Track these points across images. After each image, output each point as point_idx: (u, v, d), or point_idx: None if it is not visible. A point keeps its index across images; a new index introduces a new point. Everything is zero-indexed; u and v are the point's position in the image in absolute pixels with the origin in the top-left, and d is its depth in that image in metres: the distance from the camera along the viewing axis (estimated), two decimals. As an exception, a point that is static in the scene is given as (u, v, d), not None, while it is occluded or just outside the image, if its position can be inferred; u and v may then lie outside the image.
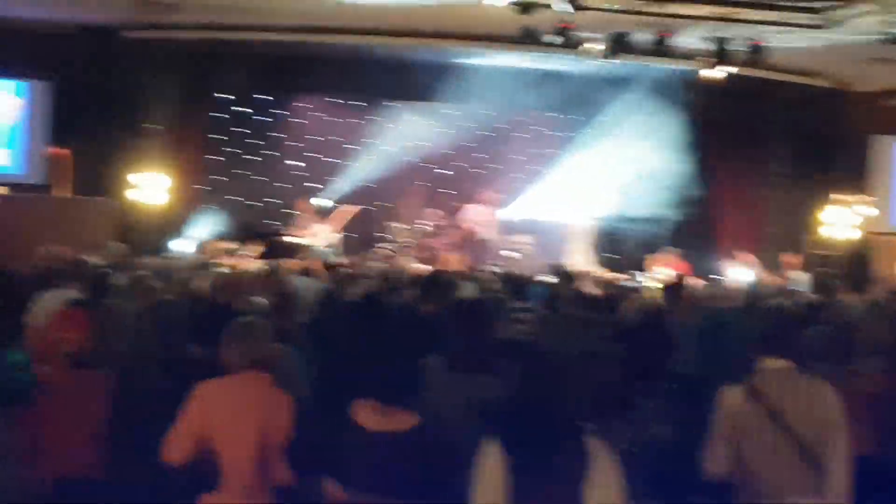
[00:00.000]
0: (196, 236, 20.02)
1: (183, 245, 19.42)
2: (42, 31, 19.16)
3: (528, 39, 15.73)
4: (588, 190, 21.88)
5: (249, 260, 16.54)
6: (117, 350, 7.00)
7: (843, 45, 17.73)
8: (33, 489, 6.40)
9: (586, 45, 16.57)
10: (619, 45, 15.70)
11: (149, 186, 20.31)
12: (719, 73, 16.91)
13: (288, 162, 22.17)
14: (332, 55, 20.66)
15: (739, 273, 19.33)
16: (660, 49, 16.05)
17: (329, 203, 20.95)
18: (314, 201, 20.57)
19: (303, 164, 22.16)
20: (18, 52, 19.13)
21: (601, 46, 16.16)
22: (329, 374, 7.48)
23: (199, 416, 5.77)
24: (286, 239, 19.46)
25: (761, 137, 22.66)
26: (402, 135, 21.75)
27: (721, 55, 16.15)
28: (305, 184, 21.62)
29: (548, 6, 15.13)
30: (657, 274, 18.38)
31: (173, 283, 11.08)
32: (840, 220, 21.52)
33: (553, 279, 13.33)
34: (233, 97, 21.74)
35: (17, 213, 18.19)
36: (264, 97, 21.99)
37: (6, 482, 6.15)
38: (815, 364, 6.38)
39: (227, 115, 21.92)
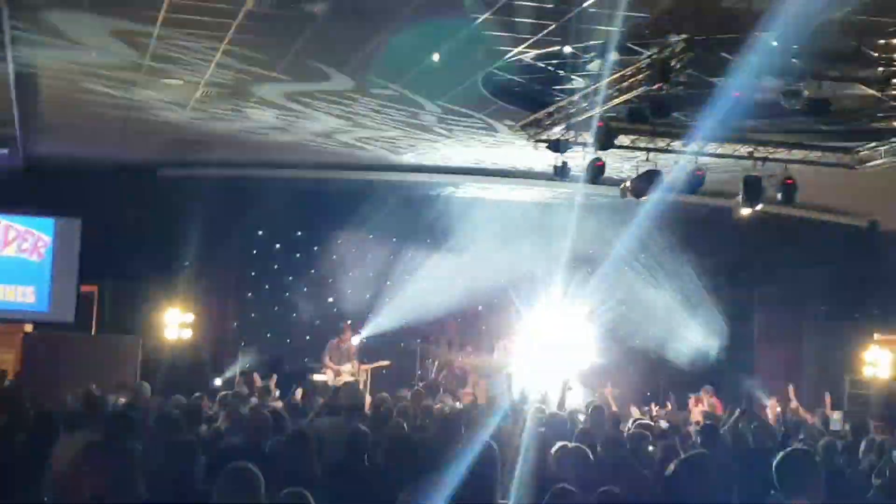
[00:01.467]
0: (225, 373, 19.88)
1: (212, 382, 19.27)
2: (74, 170, 19.36)
3: (560, 176, 15.74)
4: (624, 324, 21.78)
5: (276, 399, 16.32)
6: (138, 493, 6.81)
7: (874, 184, 17.73)
8: None
9: (620, 182, 16.55)
10: (652, 182, 15.65)
11: (178, 324, 20.26)
12: (752, 210, 16.82)
13: (319, 298, 22.08)
14: (364, 191, 20.75)
15: (776, 411, 19.02)
16: (692, 186, 16.00)
17: (361, 340, 20.81)
18: (345, 338, 20.41)
19: (334, 301, 22.05)
20: (48, 190, 19.30)
21: (633, 183, 16.12)
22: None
23: None
24: (315, 377, 19.29)
25: (797, 275, 22.54)
26: (434, 271, 21.68)
27: (754, 193, 16.09)
28: (336, 320, 21.46)
29: (581, 144, 15.18)
30: (695, 413, 18.10)
31: (200, 422, 10.90)
32: (882, 361, 21.20)
33: (588, 416, 13.09)
34: (265, 233, 21.77)
35: (43, 350, 18.18)
36: (296, 232, 22.02)
37: None
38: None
39: (258, 251, 21.93)
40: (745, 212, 16.93)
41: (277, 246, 22.06)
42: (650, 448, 10.43)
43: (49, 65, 13.45)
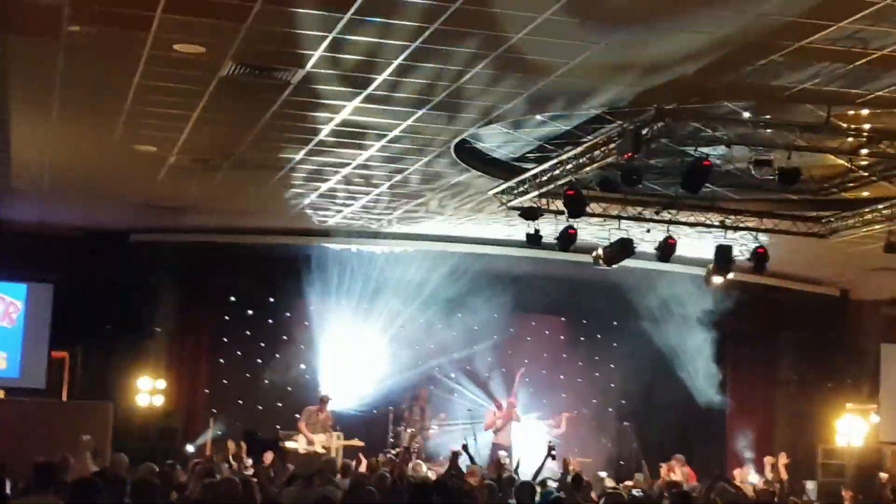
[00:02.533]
0: (197, 440, 19.72)
1: (184, 449, 19.10)
2: (46, 234, 19.32)
3: (532, 244, 15.74)
4: (599, 393, 21.83)
5: (248, 467, 16.20)
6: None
7: (845, 253, 17.86)
8: None
9: (592, 250, 16.57)
10: (624, 250, 15.68)
11: (149, 390, 20.07)
12: (724, 278, 16.88)
13: (291, 364, 21.91)
14: (336, 257, 20.76)
15: (749, 478, 19.04)
16: (664, 255, 16.04)
17: (334, 408, 20.60)
18: (323, 408, 20.20)
19: (307, 367, 21.89)
20: (20, 254, 19.22)
21: (605, 251, 16.14)
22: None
23: None
24: (287, 444, 19.12)
25: (768, 343, 22.63)
26: (407, 337, 21.61)
27: (725, 261, 16.13)
28: (309, 386, 21.31)
29: (554, 212, 15.20)
30: (667, 481, 18.03)
31: (171, 490, 10.79)
32: (853, 429, 21.23)
33: (563, 485, 13.08)
34: (237, 299, 21.64)
35: (13, 416, 17.97)
36: (268, 298, 21.90)
37: None
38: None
39: (230, 317, 21.79)
40: (717, 280, 16.98)
41: (249, 312, 21.89)
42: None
43: (20, 131, 13.47)
